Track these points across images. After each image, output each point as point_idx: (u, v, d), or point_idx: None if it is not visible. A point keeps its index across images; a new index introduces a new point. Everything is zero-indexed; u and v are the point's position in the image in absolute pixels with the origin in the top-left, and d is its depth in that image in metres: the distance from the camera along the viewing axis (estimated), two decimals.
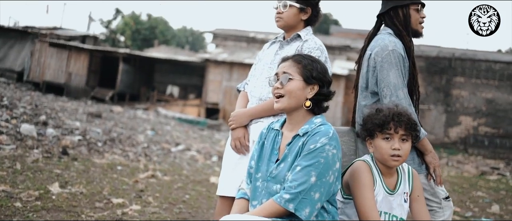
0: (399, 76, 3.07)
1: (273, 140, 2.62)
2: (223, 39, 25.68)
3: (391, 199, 2.60)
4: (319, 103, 2.56)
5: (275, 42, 3.50)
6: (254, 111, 3.27)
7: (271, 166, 2.54)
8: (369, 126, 2.59)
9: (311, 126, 2.48)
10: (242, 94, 3.55)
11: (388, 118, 2.52)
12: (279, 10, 3.33)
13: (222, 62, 23.14)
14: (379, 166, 2.61)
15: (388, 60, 3.08)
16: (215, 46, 25.87)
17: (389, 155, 2.52)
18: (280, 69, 2.57)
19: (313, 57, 2.62)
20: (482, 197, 8.86)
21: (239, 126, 3.30)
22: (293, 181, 2.36)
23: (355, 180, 2.54)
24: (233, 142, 3.31)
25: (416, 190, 2.67)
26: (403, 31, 3.22)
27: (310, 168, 2.35)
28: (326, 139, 2.39)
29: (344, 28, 37.60)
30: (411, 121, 2.53)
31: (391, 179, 2.63)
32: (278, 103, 2.53)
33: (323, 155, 2.36)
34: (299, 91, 2.50)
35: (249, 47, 25.10)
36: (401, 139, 2.54)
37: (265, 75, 3.33)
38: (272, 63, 3.34)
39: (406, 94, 3.05)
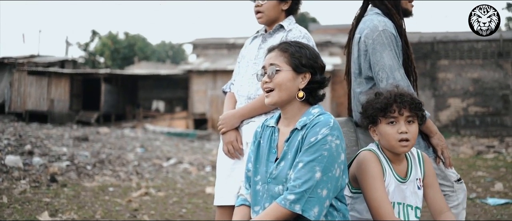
0: (394, 56, 2.89)
1: (270, 138, 2.41)
2: (203, 49, 25.48)
3: (403, 187, 2.40)
4: (314, 92, 2.35)
5: (257, 37, 3.31)
6: (244, 111, 3.07)
7: (270, 167, 2.33)
8: (371, 112, 2.39)
9: (309, 117, 2.28)
10: (229, 96, 3.34)
11: (390, 100, 2.33)
12: (258, 4, 3.13)
13: (205, 71, 22.94)
14: (387, 154, 2.41)
15: (380, 41, 2.90)
16: (196, 56, 25.65)
17: (397, 140, 2.33)
18: (267, 61, 2.37)
19: (301, 42, 2.41)
20: (483, 177, 8.72)
21: (229, 129, 3.10)
22: (297, 179, 2.15)
23: (363, 172, 2.34)
24: (225, 147, 3.10)
25: (429, 175, 2.47)
26: (392, 9, 3.04)
27: (314, 163, 2.15)
28: (327, 130, 2.19)
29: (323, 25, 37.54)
30: (415, 101, 2.34)
31: (401, 166, 2.44)
32: (269, 97, 2.33)
33: (326, 148, 2.16)
34: (290, 82, 2.30)
35: (230, 54, 24.92)
36: (406, 121, 2.34)
37: (251, 72, 3.13)
38: (256, 59, 3.15)
39: (404, 75, 2.87)
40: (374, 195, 2.28)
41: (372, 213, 2.29)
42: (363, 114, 2.45)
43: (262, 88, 2.37)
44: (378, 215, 2.26)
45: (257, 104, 3.02)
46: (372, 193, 2.28)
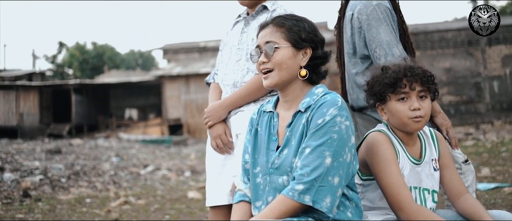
0: (391, 31, 2.68)
1: (268, 125, 2.16)
2: (174, 54, 25.09)
3: (418, 170, 2.17)
4: (316, 69, 2.11)
5: (238, 21, 3.06)
6: (231, 101, 2.81)
7: (271, 156, 2.08)
8: (378, 88, 2.15)
9: (312, 98, 2.03)
10: (213, 87, 3.08)
11: (399, 74, 2.09)
12: None
13: (177, 76, 22.58)
14: (398, 134, 2.18)
15: (375, 16, 2.69)
16: (167, 61, 25.24)
17: (409, 118, 2.09)
18: (261, 39, 2.11)
19: (296, 15, 2.16)
20: None
21: (217, 121, 2.83)
22: (305, 167, 1.90)
23: (375, 156, 2.10)
24: (213, 142, 2.84)
25: (445, 155, 2.25)
26: None
27: (323, 148, 1.90)
28: (335, 110, 1.94)
29: None
30: (427, 73, 2.11)
31: (414, 147, 2.21)
32: (268, 79, 2.07)
33: (335, 130, 1.92)
34: (290, 60, 2.05)
35: (202, 57, 24.61)
36: (419, 97, 2.11)
37: (235, 59, 2.88)
38: (240, 44, 2.89)
39: (403, 51, 2.66)
40: (390, 180, 2.04)
41: (389, 201, 2.06)
42: (369, 91, 2.21)
43: (259, 70, 2.11)
44: (397, 202, 2.02)
45: (244, 92, 2.77)
46: (388, 179, 2.05)
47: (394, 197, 2.03)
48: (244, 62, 2.82)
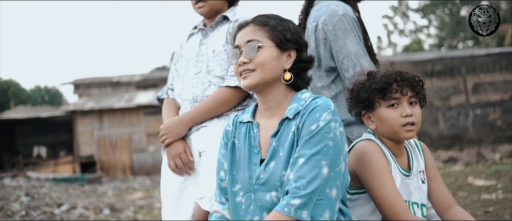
0: (358, 42, 2.59)
1: (247, 136, 1.95)
2: (86, 88, 24.17)
3: (408, 182, 2.04)
4: (301, 73, 1.94)
5: (193, 33, 2.86)
6: (192, 116, 2.58)
7: (255, 171, 1.87)
8: (365, 95, 2.01)
9: (300, 103, 1.85)
10: (167, 103, 2.83)
11: (390, 78, 1.97)
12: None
13: (90, 111, 21.72)
14: (387, 143, 2.04)
15: (341, 27, 2.59)
16: (79, 96, 24.24)
17: (401, 125, 1.97)
18: (241, 38, 1.92)
19: (279, 15, 2.00)
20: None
21: (176, 138, 2.59)
22: (300, 179, 1.71)
23: (367, 166, 1.94)
24: (171, 162, 2.58)
25: (431, 167, 2.14)
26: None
27: (319, 157, 1.72)
28: (329, 114, 1.78)
29: None
30: (416, 78, 2.00)
31: (402, 158, 2.08)
32: (248, 78, 1.87)
33: (331, 136, 1.75)
34: (274, 61, 1.87)
35: (115, 92, 23.89)
36: (409, 103, 1.99)
37: (194, 72, 2.67)
38: (199, 56, 2.69)
39: (371, 62, 2.58)
40: (385, 191, 1.89)
41: (385, 213, 1.90)
42: (354, 99, 2.06)
43: (237, 72, 1.91)
44: (394, 214, 1.87)
45: (208, 106, 2.55)
46: (383, 189, 1.89)
47: (390, 209, 1.87)
48: (205, 75, 2.62)
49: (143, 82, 23.77)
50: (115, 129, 21.52)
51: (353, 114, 2.11)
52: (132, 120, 21.55)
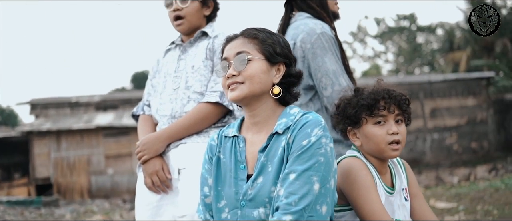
0: (336, 61, 2.61)
1: (233, 151, 1.91)
2: (43, 108, 23.60)
3: (392, 199, 2.04)
4: (290, 88, 1.92)
5: (170, 49, 2.83)
6: (171, 132, 2.53)
7: (242, 186, 1.83)
8: (352, 111, 2.01)
9: (290, 118, 1.83)
10: (143, 119, 2.77)
11: (378, 95, 1.97)
12: (177, 7, 2.66)
13: (47, 132, 21.16)
14: (371, 160, 2.04)
15: (319, 45, 2.60)
16: (35, 116, 23.61)
17: (387, 143, 1.97)
18: (230, 51, 1.89)
19: (268, 29, 1.99)
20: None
21: (153, 155, 2.53)
22: (291, 195, 1.68)
23: (354, 182, 1.93)
24: (148, 179, 2.52)
25: (413, 184, 2.15)
26: (323, 13, 2.78)
27: (310, 173, 1.70)
28: (320, 130, 1.76)
29: None
30: (403, 97, 2.01)
31: (386, 176, 2.08)
32: (236, 90, 1.84)
33: (322, 152, 1.73)
34: (264, 74, 1.84)
35: (73, 113, 23.40)
36: (395, 121, 2.00)
37: (172, 87, 2.63)
38: (177, 71, 2.66)
39: (349, 81, 2.60)
40: (372, 208, 1.88)
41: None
42: (340, 114, 2.06)
43: (225, 84, 1.88)
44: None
45: (187, 122, 2.51)
46: (370, 206, 1.88)
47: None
48: (184, 91, 2.58)
49: (103, 103, 23.40)
50: (73, 150, 21.04)
51: (338, 130, 2.11)
52: (91, 142, 21.11)
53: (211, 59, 2.62)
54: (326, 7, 2.82)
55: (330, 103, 2.56)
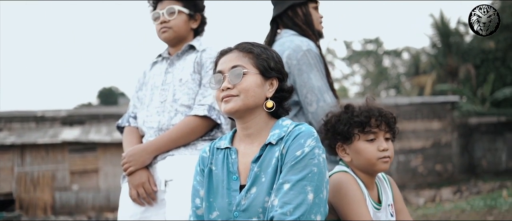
0: (321, 77, 2.67)
1: (225, 163, 1.93)
2: (7, 122, 23.10)
3: (379, 215, 2.09)
4: (282, 102, 1.97)
5: (157, 62, 2.85)
6: (158, 144, 2.53)
7: (235, 197, 1.85)
8: (344, 128, 2.06)
9: (283, 130, 1.87)
10: (129, 130, 2.77)
11: (371, 113, 2.04)
12: (164, 19, 2.69)
13: (11, 146, 20.71)
14: (360, 176, 2.09)
15: (305, 62, 2.66)
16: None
17: (377, 158, 2.03)
18: (225, 64, 1.92)
19: (263, 44, 2.03)
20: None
21: (140, 167, 2.53)
22: (286, 204, 1.71)
23: (344, 197, 1.97)
24: (134, 191, 2.51)
25: (398, 200, 2.21)
26: (308, 30, 2.85)
27: (304, 183, 1.74)
28: (313, 141, 1.80)
29: None
30: (392, 115, 2.08)
31: (373, 191, 2.13)
32: (230, 102, 1.86)
33: (315, 163, 1.77)
34: (258, 88, 1.88)
35: (39, 127, 22.98)
36: (385, 138, 2.07)
37: (159, 100, 2.65)
38: (164, 84, 2.68)
39: (333, 97, 2.66)
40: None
41: None
42: (330, 130, 2.11)
43: (219, 97, 1.91)
44: None
45: (175, 134, 2.52)
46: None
47: None
48: (171, 103, 2.60)
49: (69, 118, 23.05)
50: (37, 165, 20.62)
51: (326, 145, 2.15)
52: (56, 157, 20.74)
53: (199, 73, 2.64)
54: (311, 25, 2.89)
55: (315, 119, 2.61)
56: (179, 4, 2.71)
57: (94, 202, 19.96)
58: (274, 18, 2.96)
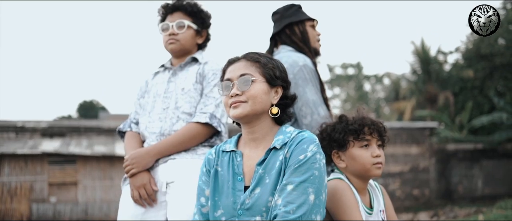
0: (316, 92, 2.84)
1: (231, 164, 2.08)
2: None
3: (371, 219, 2.24)
4: (286, 109, 2.12)
5: (159, 72, 2.99)
6: (161, 148, 2.67)
7: (239, 196, 1.99)
8: (339, 136, 2.23)
9: (286, 135, 2.02)
10: (131, 135, 2.90)
11: (364, 121, 2.21)
12: (173, 31, 2.85)
13: None
14: (354, 182, 2.25)
15: (301, 76, 2.82)
16: None
17: (372, 164, 2.19)
18: (234, 72, 2.07)
19: (268, 54, 2.19)
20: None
21: (142, 169, 2.66)
22: (289, 204, 1.85)
23: (339, 202, 2.13)
24: (135, 192, 2.63)
25: (389, 207, 2.37)
26: (305, 47, 3.02)
27: (306, 184, 1.88)
28: (315, 146, 1.96)
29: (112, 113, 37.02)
30: (382, 124, 2.26)
31: (365, 197, 2.29)
32: (239, 108, 2.01)
33: (316, 167, 1.92)
34: (265, 95, 2.04)
35: (18, 137, 22.81)
36: (377, 145, 2.24)
37: (161, 107, 2.79)
38: (167, 92, 2.83)
39: (326, 110, 2.82)
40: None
41: None
42: (326, 139, 2.27)
43: (227, 103, 2.05)
44: None
45: (177, 140, 2.66)
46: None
47: None
48: (173, 110, 2.75)
49: (50, 129, 22.90)
50: (15, 176, 20.43)
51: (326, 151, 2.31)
52: (35, 168, 20.58)
53: (201, 83, 2.79)
54: (307, 43, 3.06)
55: (309, 131, 2.76)
56: (188, 19, 2.87)
57: (71, 214, 19.80)
58: (273, 35, 3.13)
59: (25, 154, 20.38)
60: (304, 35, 3.06)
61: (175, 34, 2.84)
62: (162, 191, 2.64)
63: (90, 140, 21.85)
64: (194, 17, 2.89)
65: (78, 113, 40.86)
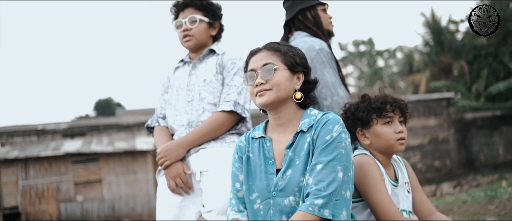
0: (334, 74, 2.94)
1: (261, 149, 2.20)
2: (9, 137, 23.28)
3: (396, 191, 2.36)
4: (308, 93, 2.24)
5: (179, 67, 3.12)
6: (191, 139, 2.81)
7: (272, 179, 2.12)
8: (363, 114, 2.35)
9: (312, 118, 2.15)
10: (159, 129, 3.04)
11: (386, 99, 2.32)
12: (186, 27, 2.97)
13: (15, 160, 20.89)
14: (378, 157, 2.37)
15: (319, 60, 2.92)
16: (1, 145, 23.29)
17: (396, 140, 2.31)
18: (257, 63, 2.19)
19: (287, 43, 2.31)
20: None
21: (175, 160, 2.80)
22: (320, 182, 1.98)
23: (366, 176, 2.25)
24: (171, 182, 2.78)
25: (413, 179, 2.49)
26: (318, 31, 3.11)
27: (334, 163, 2.01)
28: (340, 127, 2.08)
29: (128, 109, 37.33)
30: (404, 101, 2.37)
31: (390, 171, 2.41)
32: (264, 96, 2.13)
33: (343, 146, 2.05)
34: (288, 81, 2.16)
35: (40, 140, 23.18)
36: (399, 121, 2.35)
37: (186, 100, 2.92)
38: (189, 85, 2.95)
39: (346, 91, 2.92)
40: (380, 197, 2.20)
41: (379, 216, 2.20)
42: (350, 118, 2.39)
43: (253, 92, 2.17)
44: (387, 216, 2.18)
45: (205, 129, 2.79)
46: (378, 196, 2.21)
47: (385, 212, 2.19)
48: (198, 102, 2.87)
49: (70, 130, 23.25)
50: (41, 178, 20.80)
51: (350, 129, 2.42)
52: (60, 169, 20.91)
53: (221, 73, 2.92)
54: (320, 26, 3.15)
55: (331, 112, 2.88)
56: (200, 13, 2.98)
57: (99, 212, 20.16)
58: (287, 22, 3.23)
59: (48, 156, 20.74)
60: (316, 20, 3.15)
61: (188, 30, 2.96)
62: (196, 180, 2.78)
63: (110, 137, 22.14)
64: (205, 10, 3.00)
65: (96, 111, 41.26)
